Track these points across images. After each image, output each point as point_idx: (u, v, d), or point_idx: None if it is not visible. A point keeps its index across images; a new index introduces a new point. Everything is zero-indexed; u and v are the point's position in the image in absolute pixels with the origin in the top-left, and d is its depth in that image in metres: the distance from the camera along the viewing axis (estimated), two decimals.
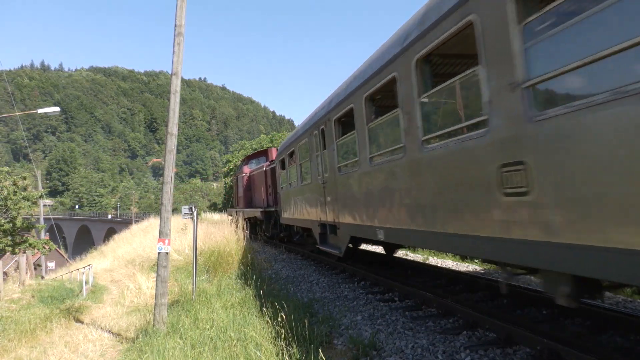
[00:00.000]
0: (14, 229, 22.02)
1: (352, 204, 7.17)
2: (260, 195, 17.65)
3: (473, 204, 3.87)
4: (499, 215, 3.51)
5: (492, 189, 3.56)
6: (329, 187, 8.34)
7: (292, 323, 5.14)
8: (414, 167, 4.94)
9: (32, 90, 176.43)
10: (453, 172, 4.17)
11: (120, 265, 19.61)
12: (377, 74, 5.76)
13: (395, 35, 5.51)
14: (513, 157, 3.27)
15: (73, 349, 7.45)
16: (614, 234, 2.50)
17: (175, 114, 6.86)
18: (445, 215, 4.38)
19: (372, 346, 4.64)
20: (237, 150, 64.03)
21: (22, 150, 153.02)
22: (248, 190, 20.03)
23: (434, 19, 4.27)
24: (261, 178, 17.35)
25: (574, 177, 2.77)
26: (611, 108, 2.46)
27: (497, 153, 3.46)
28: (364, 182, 6.55)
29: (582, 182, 2.70)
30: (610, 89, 2.48)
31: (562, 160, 2.84)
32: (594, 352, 3.74)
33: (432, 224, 4.66)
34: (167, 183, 6.75)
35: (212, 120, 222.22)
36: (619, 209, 2.45)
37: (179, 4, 6.88)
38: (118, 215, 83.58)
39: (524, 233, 3.24)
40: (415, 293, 6.56)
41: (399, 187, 5.37)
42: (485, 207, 3.67)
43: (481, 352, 4.28)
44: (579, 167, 2.72)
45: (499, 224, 3.52)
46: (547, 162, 2.96)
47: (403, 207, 5.30)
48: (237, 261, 10.85)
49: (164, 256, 6.60)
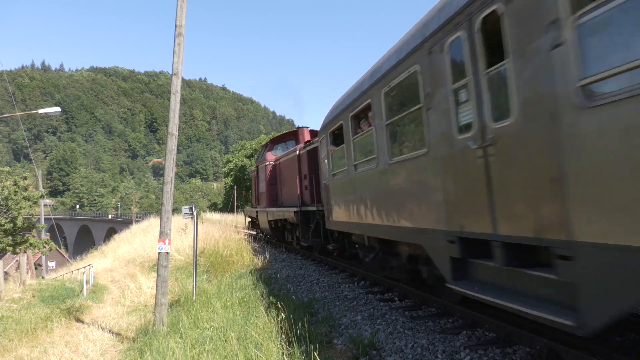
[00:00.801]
0: (14, 228, 22.06)
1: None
2: (292, 190, 13.14)
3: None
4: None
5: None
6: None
7: (292, 323, 5.15)
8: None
9: (32, 90, 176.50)
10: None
11: (121, 265, 19.63)
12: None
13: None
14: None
15: (73, 348, 7.46)
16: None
17: (176, 114, 6.87)
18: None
19: (372, 346, 4.64)
20: (237, 151, 63.94)
21: (22, 150, 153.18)
22: (273, 184, 15.52)
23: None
24: (293, 166, 13.01)
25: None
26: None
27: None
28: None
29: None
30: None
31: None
32: (594, 352, 3.75)
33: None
34: (167, 183, 6.76)
35: (213, 120, 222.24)
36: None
37: (180, 4, 6.89)
38: (119, 215, 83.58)
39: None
40: (414, 293, 6.57)
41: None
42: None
43: (481, 352, 4.29)
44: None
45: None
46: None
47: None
48: (238, 261, 10.86)
49: (165, 256, 6.62)
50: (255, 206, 18.49)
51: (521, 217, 3.39)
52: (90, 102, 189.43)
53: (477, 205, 3.94)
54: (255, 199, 18.46)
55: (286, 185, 14.10)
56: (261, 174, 16.84)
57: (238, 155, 59.39)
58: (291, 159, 13.37)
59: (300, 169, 12.44)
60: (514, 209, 3.48)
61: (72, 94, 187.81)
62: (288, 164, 13.83)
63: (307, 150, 12.05)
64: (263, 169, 16.49)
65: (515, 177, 3.43)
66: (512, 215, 3.50)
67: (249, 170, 41.91)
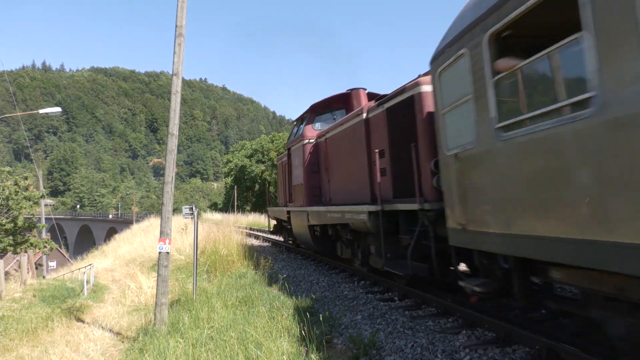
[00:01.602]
0: (15, 228, 22.06)
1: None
2: (354, 178, 8.53)
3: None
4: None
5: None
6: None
7: (292, 322, 5.16)
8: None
9: (33, 90, 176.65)
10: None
11: (121, 264, 19.65)
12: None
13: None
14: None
15: (74, 348, 7.48)
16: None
17: (176, 114, 6.88)
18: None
19: (372, 345, 4.65)
20: (237, 151, 63.99)
21: (23, 150, 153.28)
22: (315, 172, 10.66)
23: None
24: (355, 140, 8.35)
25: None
26: None
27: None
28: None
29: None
30: None
31: None
32: (593, 351, 3.75)
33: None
34: (168, 183, 6.77)
35: (213, 120, 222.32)
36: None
37: (180, 4, 6.91)
38: (119, 215, 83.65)
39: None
40: (414, 293, 6.58)
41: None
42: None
43: (480, 352, 4.30)
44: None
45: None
46: None
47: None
48: (238, 261, 10.87)
49: (165, 256, 6.63)
50: (285, 204, 13.18)
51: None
52: (91, 102, 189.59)
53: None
54: (285, 194, 13.25)
55: (340, 172, 9.31)
56: (296, 159, 11.79)
57: (238, 155, 59.47)
58: (351, 130, 8.52)
59: (371, 143, 7.71)
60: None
61: (73, 94, 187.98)
62: (344, 138, 8.96)
63: (384, 110, 7.18)
64: (299, 150, 11.34)
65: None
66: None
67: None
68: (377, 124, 7.51)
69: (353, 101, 10.45)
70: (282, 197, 14.16)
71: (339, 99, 11.06)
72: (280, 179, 14.76)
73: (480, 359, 4.15)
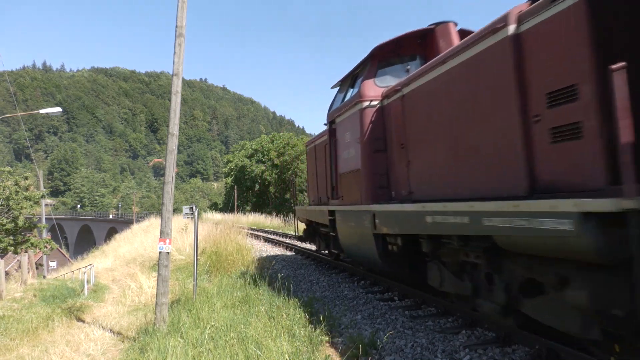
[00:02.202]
0: (16, 228, 22.08)
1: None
2: (487, 151, 4.32)
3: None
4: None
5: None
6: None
7: (292, 322, 5.17)
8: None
9: (34, 90, 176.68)
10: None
11: (122, 264, 19.65)
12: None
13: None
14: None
15: (74, 347, 7.49)
16: None
17: (177, 114, 6.89)
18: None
19: (372, 345, 4.66)
20: (237, 151, 64.00)
21: (24, 150, 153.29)
22: (380, 150, 6.92)
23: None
24: (487, 83, 4.25)
25: None
26: None
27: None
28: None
29: None
30: None
31: None
32: (593, 351, 3.76)
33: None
34: (168, 183, 6.78)
35: (213, 120, 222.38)
36: None
37: (180, 5, 6.91)
38: (119, 215, 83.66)
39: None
40: (414, 292, 6.58)
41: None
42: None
43: (480, 351, 4.30)
44: None
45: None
46: None
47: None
48: (238, 261, 10.88)
49: (165, 255, 6.64)
50: (320, 201, 10.14)
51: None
52: (91, 102, 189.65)
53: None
54: (324, 187, 9.90)
55: (438, 147, 5.40)
56: (346, 133, 7.92)
57: (238, 155, 59.48)
58: (474, 63, 4.51)
59: (530, 78, 3.78)
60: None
61: (73, 94, 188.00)
62: (453, 83, 4.96)
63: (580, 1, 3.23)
64: (352, 120, 7.51)
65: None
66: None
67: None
68: (551, 37, 3.52)
69: (439, 42, 6.87)
70: (314, 192, 11.01)
71: (413, 41, 7.28)
72: (312, 168, 11.31)
73: (480, 359, 4.16)
